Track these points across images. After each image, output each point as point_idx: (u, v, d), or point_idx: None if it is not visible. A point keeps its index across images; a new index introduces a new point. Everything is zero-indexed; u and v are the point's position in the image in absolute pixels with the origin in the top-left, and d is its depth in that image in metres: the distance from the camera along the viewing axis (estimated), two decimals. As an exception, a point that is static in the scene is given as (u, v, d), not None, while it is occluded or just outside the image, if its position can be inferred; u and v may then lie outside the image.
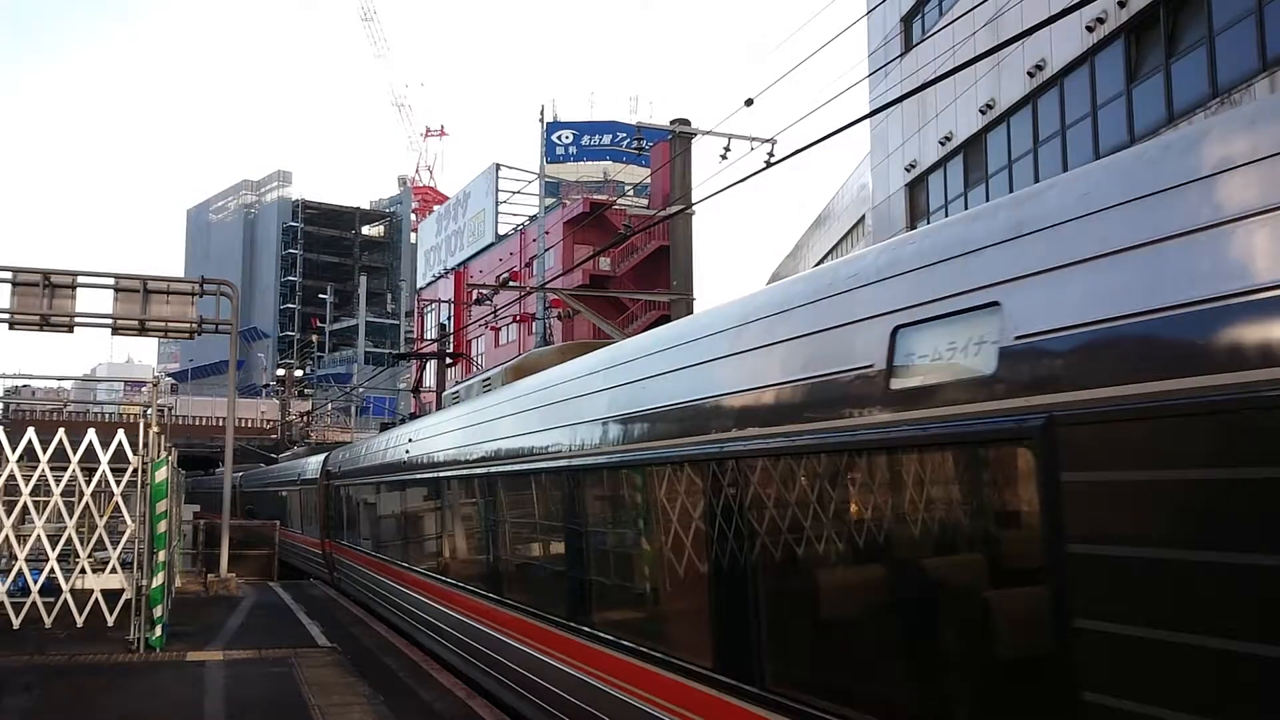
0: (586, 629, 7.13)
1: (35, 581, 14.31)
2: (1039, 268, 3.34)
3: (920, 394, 3.78)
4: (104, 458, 14.52)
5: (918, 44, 26.67)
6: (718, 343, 5.48)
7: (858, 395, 4.14)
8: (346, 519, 20.18)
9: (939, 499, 3.85)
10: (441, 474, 12.10)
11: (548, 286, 28.99)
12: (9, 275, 23.57)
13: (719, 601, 5.21)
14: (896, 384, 3.92)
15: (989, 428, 3.44)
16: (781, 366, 4.78)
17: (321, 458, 24.77)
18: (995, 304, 3.48)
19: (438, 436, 12.67)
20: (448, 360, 33.43)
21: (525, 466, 8.70)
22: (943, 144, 25.70)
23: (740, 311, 5.43)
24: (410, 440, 14.33)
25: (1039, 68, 21.24)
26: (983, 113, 23.61)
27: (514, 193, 59.36)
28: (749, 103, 14.13)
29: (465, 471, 11.00)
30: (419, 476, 13.47)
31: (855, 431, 4.13)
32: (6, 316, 23.51)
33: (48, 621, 14.10)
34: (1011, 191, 21.38)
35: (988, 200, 23.84)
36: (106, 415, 60.57)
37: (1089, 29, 19.38)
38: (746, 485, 4.95)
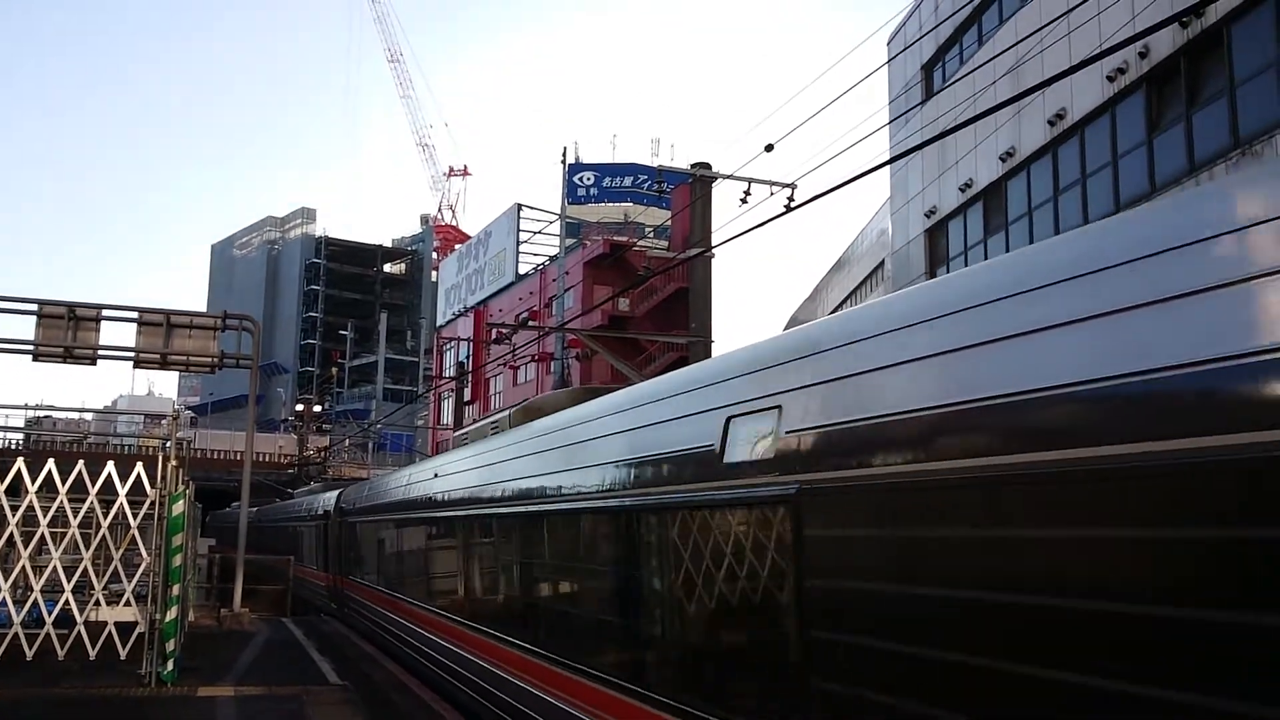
0: None
1: (50, 613, 14.33)
2: None
3: None
4: (122, 490, 14.58)
5: (938, 92, 26.84)
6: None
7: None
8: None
9: None
10: None
11: (566, 327, 29.09)
12: (34, 307, 23.92)
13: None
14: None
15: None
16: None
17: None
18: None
19: None
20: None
21: None
22: (963, 190, 25.76)
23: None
24: None
25: (1060, 116, 21.31)
26: (1003, 160, 23.68)
27: (535, 233, 59.78)
28: (769, 148, 14.24)
29: None
30: None
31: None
32: (31, 348, 23.81)
33: (60, 653, 14.09)
34: (1031, 240, 21.36)
35: (1008, 248, 23.76)
36: (126, 447, 60.94)
37: (1110, 79, 19.46)
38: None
